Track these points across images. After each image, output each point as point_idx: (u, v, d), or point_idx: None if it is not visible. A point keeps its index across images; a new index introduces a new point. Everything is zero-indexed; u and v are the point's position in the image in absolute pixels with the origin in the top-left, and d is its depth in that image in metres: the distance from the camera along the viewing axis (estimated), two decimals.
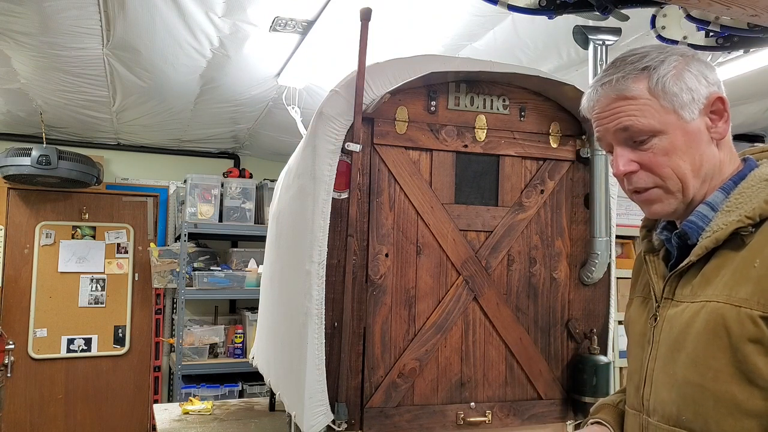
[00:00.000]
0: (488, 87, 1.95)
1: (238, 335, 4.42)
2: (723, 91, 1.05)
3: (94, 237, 4.78)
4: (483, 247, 1.91)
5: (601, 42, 2.01)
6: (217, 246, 4.83)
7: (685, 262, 1.04)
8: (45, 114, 3.99)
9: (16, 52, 2.90)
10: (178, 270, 4.33)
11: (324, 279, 1.71)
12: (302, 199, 1.82)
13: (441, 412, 1.85)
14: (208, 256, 4.63)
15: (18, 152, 4.09)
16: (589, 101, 1.09)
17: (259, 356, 2.61)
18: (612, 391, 1.87)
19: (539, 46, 2.62)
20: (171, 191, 4.98)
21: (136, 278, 4.85)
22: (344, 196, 1.78)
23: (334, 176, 1.73)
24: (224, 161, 5.13)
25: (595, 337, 1.96)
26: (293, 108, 3.41)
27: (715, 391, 0.95)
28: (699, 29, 1.64)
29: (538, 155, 1.98)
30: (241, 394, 4.31)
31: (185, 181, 4.42)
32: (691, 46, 1.73)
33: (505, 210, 1.94)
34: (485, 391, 1.90)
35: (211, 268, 4.48)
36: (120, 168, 4.91)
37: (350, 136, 1.75)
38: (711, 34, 1.68)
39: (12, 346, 4.29)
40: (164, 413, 2.72)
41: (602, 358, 1.94)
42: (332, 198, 1.73)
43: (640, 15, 1.88)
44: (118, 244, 4.83)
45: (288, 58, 2.93)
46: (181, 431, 2.45)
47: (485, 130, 1.94)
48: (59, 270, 4.65)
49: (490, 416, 1.88)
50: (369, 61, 1.75)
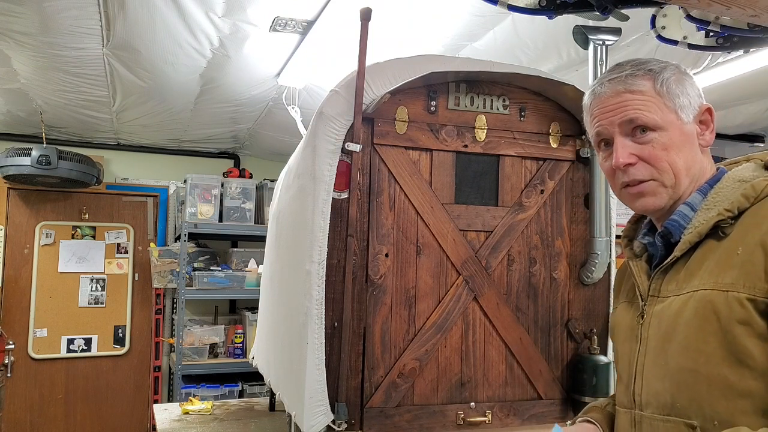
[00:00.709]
0: (488, 87, 1.95)
1: (238, 335, 4.42)
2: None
3: (94, 237, 4.78)
4: (483, 247, 1.91)
5: (601, 42, 2.01)
6: (217, 246, 4.83)
7: (670, 258, 1.09)
8: (45, 114, 3.99)
9: (16, 52, 2.90)
10: (178, 270, 4.33)
11: (324, 279, 1.71)
12: (302, 199, 1.82)
13: (441, 412, 1.85)
14: (208, 256, 4.63)
15: (18, 152, 4.09)
16: (594, 95, 1.14)
17: (259, 356, 2.61)
18: (612, 391, 1.88)
19: (539, 46, 2.62)
20: (171, 191, 4.98)
21: (136, 278, 4.85)
22: (344, 196, 1.78)
23: (334, 176, 1.73)
24: (224, 161, 5.13)
25: (595, 337, 1.96)
26: (293, 108, 3.41)
27: (707, 374, 0.98)
28: (699, 29, 1.64)
29: (538, 155, 1.98)
30: (241, 394, 4.31)
31: (185, 181, 4.42)
32: (691, 46, 1.73)
33: (505, 210, 1.94)
34: (485, 391, 1.90)
35: (211, 268, 4.48)
36: (120, 168, 4.91)
37: (350, 136, 1.75)
38: (711, 34, 1.68)
39: (12, 346, 4.30)
40: (164, 413, 2.72)
41: (602, 358, 1.94)
42: (332, 198, 1.73)
43: (640, 15, 1.88)
44: (118, 244, 4.83)
45: (288, 58, 2.93)
46: (181, 431, 2.45)
47: (485, 130, 1.94)
48: (59, 270, 4.65)
49: (490, 416, 1.88)
50: (369, 61, 1.75)
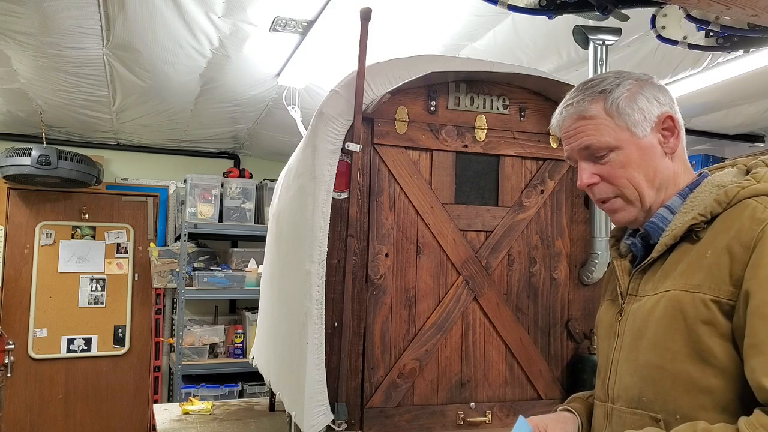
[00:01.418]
0: (488, 87, 1.95)
1: (238, 335, 4.42)
2: (675, 111, 1.18)
3: (94, 237, 4.78)
4: (483, 247, 1.91)
5: (601, 42, 2.01)
6: (217, 246, 4.83)
7: (648, 259, 1.15)
8: (45, 114, 3.99)
9: (16, 52, 2.90)
10: (178, 270, 4.33)
11: (324, 279, 1.71)
12: (302, 199, 1.81)
13: (441, 412, 1.85)
14: (208, 256, 4.63)
15: (18, 152, 4.09)
16: (556, 121, 1.22)
17: (259, 356, 2.61)
18: None
19: (539, 46, 2.62)
20: (171, 191, 4.98)
21: (136, 278, 4.85)
22: (344, 196, 1.78)
23: (334, 176, 1.73)
24: (224, 161, 5.13)
25: (595, 337, 1.96)
26: (293, 108, 3.41)
27: (672, 370, 1.04)
28: (699, 29, 1.64)
29: (538, 155, 1.98)
30: (241, 394, 4.31)
31: (185, 181, 4.42)
32: (691, 46, 1.73)
33: (505, 210, 1.94)
34: (485, 391, 1.90)
35: (211, 268, 4.48)
36: (120, 168, 4.91)
37: (350, 136, 1.75)
38: (711, 34, 1.68)
39: (12, 346, 4.31)
40: (164, 413, 2.72)
41: None
42: (332, 198, 1.73)
43: (640, 15, 1.88)
44: (118, 244, 4.83)
45: (288, 58, 2.93)
46: (181, 431, 2.45)
47: (485, 130, 1.94)
48: (59, 270, 4.66)
49: (490, 416, 1.88)
50: (369, 61, 1.75)
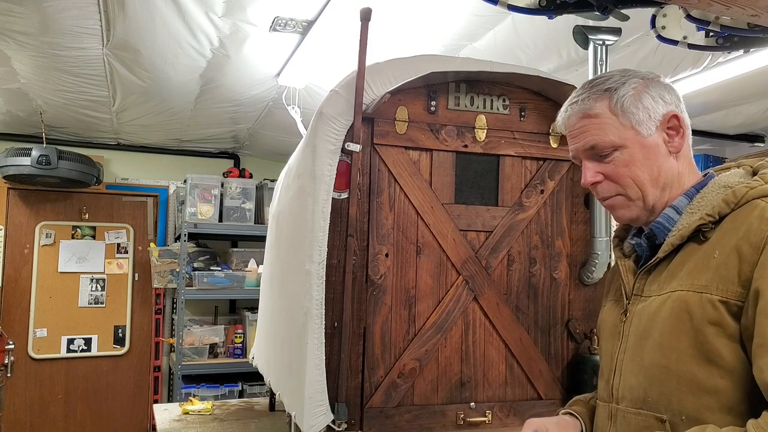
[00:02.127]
0: (488, 87, 1.95)
1: (238, 335, 4.41)
2: (681, 110, 1.17)
3: (94, 237, 4.78)
4: (483, 247, 1.91)
5: (601, 42, 2.01)
6: (217, 246, 4.83)
7: (654, 259, 1.15)
8: (45, 114, 3.99)
9: (16, 52, 2.90)
10: (178, 270, 4.33)
11: (324, 279, 1.71)
12: (302, 199, 1.81)
13: (441, 412, 1.85)
14: (208, 256, 4.63)
15: (18, 152, 4.09)
16: (562, 119, 1.22)
17: (259, 356, 2.61)
18: None
19: (539, 46, 2.61)
20: (171, 191, 4.98)
21: (136, 278, 4.85)
22: (344, 196, 1.78)
23: (334, 176, 1.73)
24: (224, 161, 5.13)
25: (596, 337, 1.96)
26: (293, 108, 3.41)
27: (678, 371, 1.04)
28: (699, 29, 1.64)
29: (538, 155, 1.98)
30: (241, 394, 4.31)
31: (185, 181, 4.42)
32: (691, 46, 1.73)
33: (505, 210, 1.94)
34: (485, 391, 1.90)
35: (211, 268, 4.48)
36: (120, 168, 4.91)
37: (350, 136, 1.75)
38: (711, 34, 1.68)
39: (12, 346, 4.31)
40: (164, 413, 2.72)
41: None
42: (332, 198, 1.73)
43: (640, 15, 1.88)
44: (118, 244, 4.83)
45: (288, 58, 2.93)
46: (181, 431, 2.45)
47: (485, 130, 1.94)
48: (59, 270, 4.65)
49: (490, 416, 1.88)
50: (369, 61, 1.75)
